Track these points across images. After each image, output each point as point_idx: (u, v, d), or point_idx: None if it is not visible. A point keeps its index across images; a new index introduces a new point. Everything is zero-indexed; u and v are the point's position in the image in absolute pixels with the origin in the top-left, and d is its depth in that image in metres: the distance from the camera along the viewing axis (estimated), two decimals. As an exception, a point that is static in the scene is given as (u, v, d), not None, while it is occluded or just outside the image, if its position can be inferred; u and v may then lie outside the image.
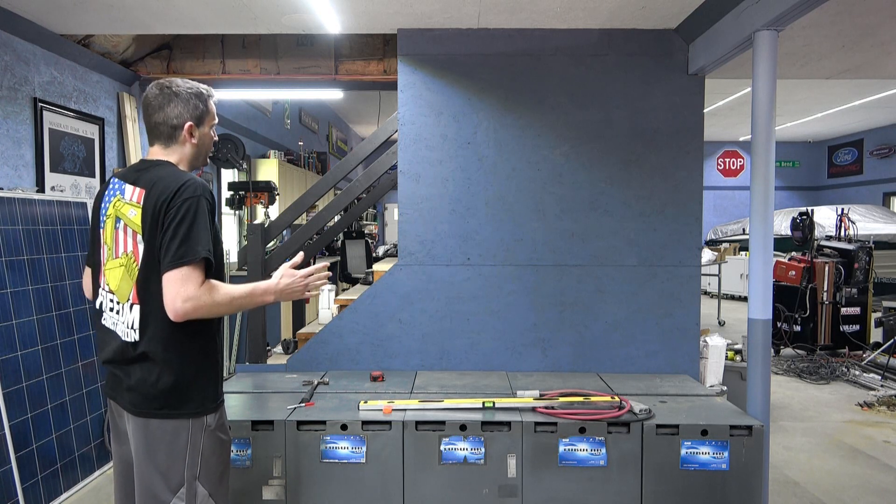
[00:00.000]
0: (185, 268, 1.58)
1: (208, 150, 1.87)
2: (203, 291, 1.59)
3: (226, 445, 1.79)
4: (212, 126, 1.86)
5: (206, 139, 1.84)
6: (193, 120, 1.79)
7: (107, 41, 4.02)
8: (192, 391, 1.70)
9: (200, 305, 1.59)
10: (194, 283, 1.58)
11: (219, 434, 1.76)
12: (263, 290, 1.74)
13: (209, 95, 1.84)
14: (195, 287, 1.58)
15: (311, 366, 3.32)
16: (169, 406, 1.67)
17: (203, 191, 1.68)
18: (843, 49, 3.76)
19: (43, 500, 3.05)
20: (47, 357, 3.21)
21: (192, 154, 1.81)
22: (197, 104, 1.80)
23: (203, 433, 1.71)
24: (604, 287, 3.32)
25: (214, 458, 1.74)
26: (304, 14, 3.19)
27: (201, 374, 1.73)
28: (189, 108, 1.78)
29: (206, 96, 1.83)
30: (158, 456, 1.67)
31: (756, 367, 2.71)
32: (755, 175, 2.67)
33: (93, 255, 1.83)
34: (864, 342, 6.42)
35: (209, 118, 1.84)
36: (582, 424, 2.47)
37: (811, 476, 3.55)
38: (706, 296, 10.76)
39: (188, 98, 1.78)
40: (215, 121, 1.87)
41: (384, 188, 4.76)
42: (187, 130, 1.79)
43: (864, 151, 12.70)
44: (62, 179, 3.78)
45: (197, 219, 1.62)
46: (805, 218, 6.83)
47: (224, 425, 1.80)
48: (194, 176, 1.73)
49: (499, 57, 3.30)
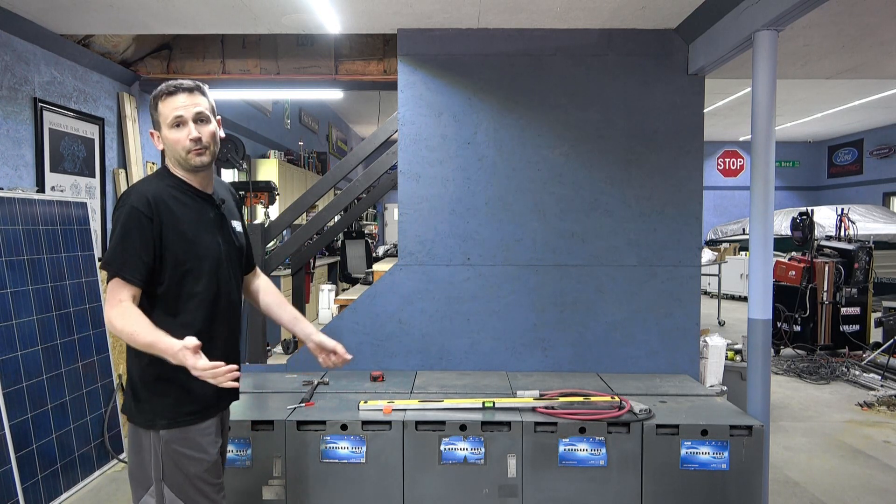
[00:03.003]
0: (111, 282, 1.63)
1: (179, 149, 1.71)
2: (114, 313, 1.59)
3: (195, 461, 1.72)
4: (172, 125, 1.70)
5: (168, 141, 1.72)
6: (154, 126, 1.77)
7: (107, 41, 4.02)
8: (143, 403, 1.72)
9: (111, 326, 1.60)
10: (111, 299, 1.61)
11: (179, 449, 1.71)
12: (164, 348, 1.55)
13: (158, 95, 1.73)
14: (110, 305, 1.61)
15: (311, 366, 3.32)
16: (128, 411, 1.75)
17: (133, 200, 1.64)
18: (843, 49, 3.76)
19: (43, 500, 3.05)
20: (47, 357, 3.20)
21: (170, 157, 1.76)
22: (152, 111, 1.76)
23: (161, 444, 1.70)
24: (604, 287, 3.32)
25: (179, 470, 1.71)
26: (304, 14, 3.19)
27: (155, 391, 1.71)
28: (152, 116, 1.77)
29: (156, 97, 1.73)
30: (131, 454, 1.76)
31: (756, 367, 2.71)
32: (755, 175, 2.67)
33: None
34: (864, 342, 6.42)
35: (162, 119, 1.72)
36: (582, 424, 2.47)
37: (811, 476, 3.55)
38: (706, 296, 10.76)
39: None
40: (169, 119, 1.70)
41: (384, 188, 4.77)
42: (156, 137, 1.78)
43: (864, 151, 12.69)
44: (62, 179, 3.78)
45: (115, 232, 1.64)
46: (805, 218, 6.83)
47: (192, 442, 1.72)
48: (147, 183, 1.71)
49: (499, 57, 3.30)
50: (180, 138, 1.69)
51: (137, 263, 1.63)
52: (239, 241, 1.89)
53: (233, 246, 1.85)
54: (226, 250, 1.81)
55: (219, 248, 1.78)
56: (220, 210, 1.83)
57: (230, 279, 1.82)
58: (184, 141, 1.69)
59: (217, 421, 1.81)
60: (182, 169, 1.76)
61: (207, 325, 1.74)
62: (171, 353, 1.53)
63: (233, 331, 1.85)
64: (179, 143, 1.70)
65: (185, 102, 1.70)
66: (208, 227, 1.77)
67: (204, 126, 1.72)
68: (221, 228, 1.82)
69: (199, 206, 1.77)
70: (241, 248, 1.90)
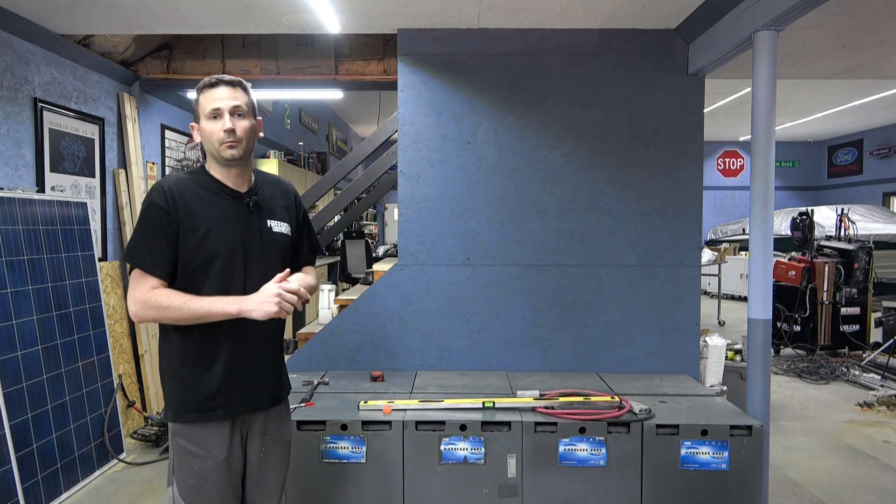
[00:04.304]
0: (132, 273, 1.69)
1: (213, 140, 1.72)
2: (150, 296, 1.64)
3: (199, 458, 1.73)
4: (210, 116, 1.72)
5: (205, 133, 1.74)
6: (194, 118, 1.79)
7: (107, 41, 4.02)
8: (165, 393, 1.79)
9: (143, 311, 1.65)
10: (136, 289, 1.66)
11: (183, 444, 1.74)
12: (228, 299, 1.66)
13: (200, 87, 1.75)
14: (136, 295, 1.66)
15: (311, 366, 3.32)
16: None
17: (153, 194, 1.70)
18: (843, 49, 3.76)
19: (43, 500, 3.05)
20: (47, 357, 3.20)
21: (207, 152, 1.78)
22: (194, 104, 1.78)
23: (173, 437, 1.77)
24: (604, 287, 3.32)
25: (183, 466, 1.75)
26: (304, 14, 3.19)
27: (168, 382, 1.78)
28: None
29: (198, 89, 1.75)
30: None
31: (756, 367, 2.71)
32: (755, 175, 2.67)
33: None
34: (864, 342, 6.42)
35: (201, 110, 1.74)
36: (582, 424, 2.47)
37: (811, 476, 3.55)
38: (706, 296, 10.76)
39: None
40: (208, 110, 1.72)
41: (384, 188, 4.77)
42: (195, 130, 1.80)
43: (863, 151, 12.69)
44: (62, 179, 3.78)
45: (136, 224, 1.72)
46: (805, 218, 6.83)
47: (196, 439, 1.73)
48: (173, 177, 1.77)
49: (499, 57, 3.30)
50: (215, 129, 1.72)
51: (159, 255, 1.67)
52: (274, 240, 1.84)
53: (261, 245, 1.81)
54: (251, 249, 1.78)
55: (238, 247, 1.75)
56: (249, 209, 1.80)
57: (255, 277, 1.76)
58: (218, 132, 1.71)
59: (232, 425, 1.77)
60: (217, 164, 1.78)
61: (217, 325, 1.71)
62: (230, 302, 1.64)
63: (262, 330, 1.80)
64: (214, 134, 1.72)
65: (224, 95, 1.72)
66: (230, 225, 1.75)
67: (240, 120, 1.73)
68: (248, 227, 1.78)
69: (222, 205, 1.76)
70: (275, 247, 1.85)
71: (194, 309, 1.63)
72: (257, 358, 1.82)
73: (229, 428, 1.76)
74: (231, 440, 1.76)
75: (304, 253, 1.99)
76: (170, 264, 1.68)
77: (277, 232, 1.85)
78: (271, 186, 1.91)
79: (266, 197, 1.86)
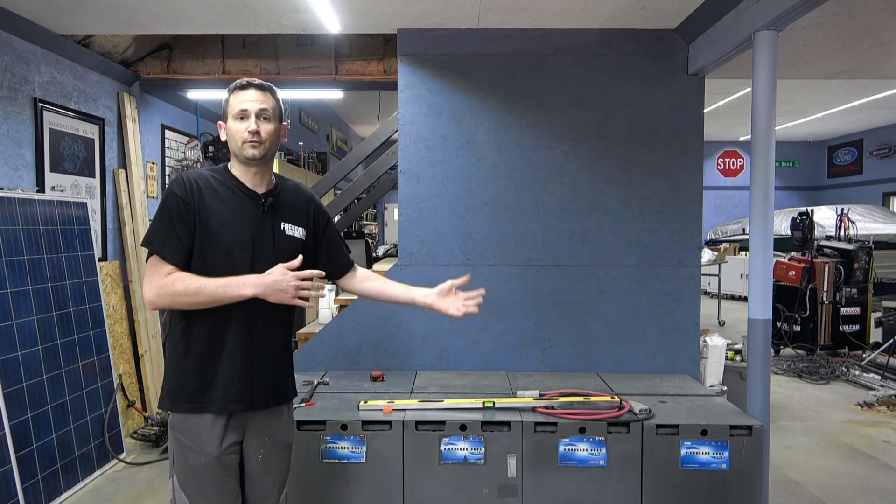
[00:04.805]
0: (149, 260, 1.73)
1: (237, 139, 1.78)
2: (167, 281, 1.69)
3: (193, 453, 1.75)
4: (237, 117, 1.78)
5: (230, 132, 1.80)
6: (223, 118, 1.85)
7: (107, 41, 4.02)
8: (165, 383, 1.82)
9: (159, 297, 1.69)
10: (153, 275, 1.71)
11: (179, 437, 1.77)
12: (242, 281, 1.69)
13: (231, 89, 1.82)
14: (153, 280, 1.71)
15: (311, 366, 3.32)
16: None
17: (174, 184, 1.76)
18: (843, 49, 3.76)
19: (43, 500, 3.05)
20: (47, 357, 3.21)
21: (231, 150, 1.84)
22: (224, 104, 1.84)
23: (171, 430, 1.80)
24: (604, 287, 3.32)
25: (180, 459, 1.78)
26: (304, 14, 3.19)
27: (170, 370, 1.81)
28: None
29: (229, 90, 1.82)
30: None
31: (756, 367, 2.71)
32: (755, 175, 2.67)
33: None
34: (864, 342, 6.42)
35: (229, 110, 1.80)
36: (582, 424, 2.47)
37: (811, 476, 3.55)
38: (706, 296, 10.76)
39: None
40: (235, 111, 1.78)
41: (384, 188, 4.77)
42: (222, 129, 1.86)
43: (863, 151, 12.69)
44: (62, 179, 3.78)
45: (156, 213, 1.77)
46: (805, 218, 6.84)
47: (191, 432, 1.75)
48: (191, 171, 1.83)
49: (499, 57, 3.30)
50: (240, 129, 1.78)
51: (176, 243, 1.72)
52: (286, 243, 1.86)
53: (272, 246, 1.83)
54: (260, 248, 1.80)
55: (247, 245, 1.78)
56: (264, 210, 1.82)
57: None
58: (243, 132, 1.77)
59: (227, 423, 1.77)
60: (238, 163, 1.83)
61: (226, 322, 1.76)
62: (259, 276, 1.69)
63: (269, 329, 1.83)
64: (239, 133, 1.78)
65: (252, 98, 1.78)
66: (242, 224, 1.78)
67: (265, 123, 1.79)
68: (261, 227, 1.81)
69: (238, 203, 1.80)
70: (287, 249, 1.85)
71: (210, 292, 1.68)
72: (261, 357, 1.83)
73: (223, 425, 1.77)
74: (223, 437, 1.76)
75: (343, 256, 2.10)
76: (186, 253, 1.73)
77: (290, 235, 1.88)
78: (292, 192, 1.94)
79: (283, 200, 1.88)
